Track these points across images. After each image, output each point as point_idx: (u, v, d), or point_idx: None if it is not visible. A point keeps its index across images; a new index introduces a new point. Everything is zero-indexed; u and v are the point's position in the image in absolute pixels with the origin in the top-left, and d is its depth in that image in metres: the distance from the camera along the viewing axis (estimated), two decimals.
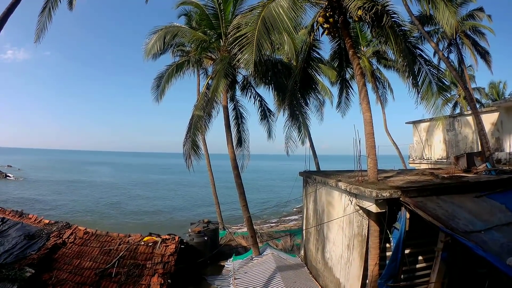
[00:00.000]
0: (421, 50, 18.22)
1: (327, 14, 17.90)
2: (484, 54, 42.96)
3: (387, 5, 16.34)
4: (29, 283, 17.29)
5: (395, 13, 16.68)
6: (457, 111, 60.26)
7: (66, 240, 21.63)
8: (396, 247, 13.31)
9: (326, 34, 19.52)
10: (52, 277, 18.20)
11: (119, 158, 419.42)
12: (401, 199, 13.17)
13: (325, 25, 18.34)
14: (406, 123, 43.04)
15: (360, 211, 15.39)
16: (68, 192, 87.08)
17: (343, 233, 17.20)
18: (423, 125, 40.08)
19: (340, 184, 16.98)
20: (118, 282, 18.20)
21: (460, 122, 35.01)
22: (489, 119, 31.38)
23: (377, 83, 46.33)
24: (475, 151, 28.88)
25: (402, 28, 17.31)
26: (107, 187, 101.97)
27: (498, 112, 31.27)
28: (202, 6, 26.30)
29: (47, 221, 24.50)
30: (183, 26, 28.74)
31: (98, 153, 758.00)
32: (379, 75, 46.38)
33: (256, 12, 16.43)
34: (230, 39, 17.64)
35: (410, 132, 42.26)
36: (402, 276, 14.64)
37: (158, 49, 26.11)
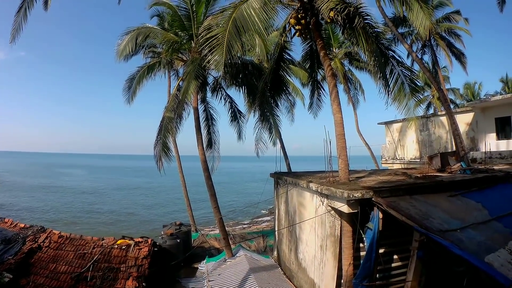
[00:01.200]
0: (394, 52, 18.17)
1: (299, 16, 17.81)
2: (459, 56, 43.34)
3: (360, 7, 16.29)
4: None
5: (368, 15, 16.63)
6: (431, 111, 60.68)
7: (42, 244, 21.27)
8: (370, 246, 13.10)
9: (298, 36, 19.36)
10: (30, 282, 18.01)
11: (91, 160, 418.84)
12: (373, 199, 12.94)
13: (297, 27, 18.26)
14: (379, 123, 43.35)
15: (332, 212, 15.24)
16: (42, 196, 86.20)
17: (316, 234, 17.08)
18: (396, 126, 40.30)
19: (311, 185, 16.81)
20: (94, 286, 17.98)
21: (434, 123, 35.25)
22: (464, 119, 31.71)
23: (349, 84, 46.39)
24: (448, 151, 28.73)
25: (375, 29, 17.22)
26: (80, 191, 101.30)
27: (473, 113, 31.68)
28: (175, 7, 25.97)
29: (22, 225, 24.22)
30: (155, 27, 28.39)
31: (69, 155, 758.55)
32: (350, 77, 46.42)
33: (227, 14, 16.12)
34: (201, 40, 17.33)
35: (382, 132, 42.32)
36: (377, 275, 14.50)
37: (130, 50, 25.76)
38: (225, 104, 30.42)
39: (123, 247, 20.95)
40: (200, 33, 18.81)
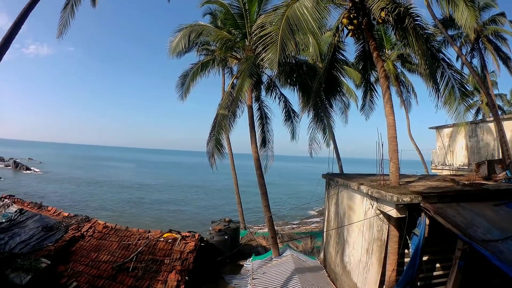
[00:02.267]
0: (444, 54, 18.17)
1: (351, 16, 17.96)
2: (506, 60, 42.27)
3: (410, 7, 16.47)
4: (44, 274, 17.42)
5: (418, 16, 16.77)
6: (480, 117, 59.58)
7: (85, 233, 21.84)
8: (415, 253, 13.25)
9: (351, 36, 19.47)
10: (68, 269, 18.31)
11: (140, 155, 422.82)
12: (421, 204, 13.17)
13: (350, 27, 18.40)
14: (430, 128, 42.53)
15: (381, 216, 15.38)
16: (88, 188, 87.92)
17: (363, 237, 17.17)
18: (446, 131, 39.61)
19: (362, 187, 16.98)
20: (135, 276, 18.23)
21: (482, 129, 34.50)
22: (510, 127, 30.91)
23: (401, 87, 46.05)
24: (496, 158, 28.60)
25: (426, 31, 17.34)
26: (128, 184, 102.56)
27: None
28: (227, 6, 26.33)
29: (66, 214, 24.88)
30: (208, 25, 28.83)
31: (117, 148, 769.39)
32: (403, 79, 45.96)
33: (280, 12, 16.45)
34: (255, 38, 17.66)
35: (433, 137, 41.88)
36: (418, 283, 14.58)
37: (183, 47, 26.11)
38: (279, 103, 30.58)
39: (169, 241, 21.34)
40: (253, 31, 19.08)
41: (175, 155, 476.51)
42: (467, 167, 34.67)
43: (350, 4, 18.06)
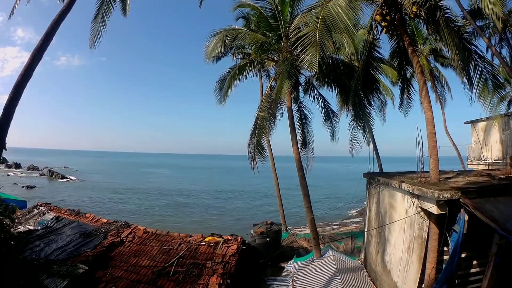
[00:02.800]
0: (476, 46, 18.20)
1: (384, 12, 18.12)
2: None
3: (440, 0, 16.70)
4: (81, 280, 17.58)
5: (447, 9, 16.96)
6: (501, 110, 58.81)
7: (124, 239, 22.14)
8: (454, 250, 13.43)
9: (385, 33, 19.70)
10: (107, 274, 18.52)
11: (177, 160, 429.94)
12: (460, 200, 13.28)
13: (383, 23, 18.53)
14: (465, 122, 42.09)
15: (422, 213, 15.51)
16: (126, 195, 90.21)
17: (404, 236, 17.31)
18: (481, 125, 38.96)
19: (403, 185, 17.07)
20: (176, 281, 18.28)
21: None
22: None
23: (436, 82, 45.60)
24: None
25: (456, 23, 17.48)
26: (165, 190, 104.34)
27: None
28: (260, 8, 26.69)
29: (105, 220, 25.25)
30: (243, 28, 29.35)
31: (154, 155, 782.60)
32: (437, 74, 45.47)
33: (316, 12, 16.74)
34: (292, 40, 17.89)
35: (468, 132, 41.68)
36: (456, 281, 14.71)
37: (219, 51, 26.68)
38: (318, 103, 30.64)
39: (211, 244, 21.43)
40: (290, 32, 19.20)
41: (212, 159, 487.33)
42: (501, 161, 34.50)
43: (382, 0, 18.25)
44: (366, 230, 25.34)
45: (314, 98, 30.45)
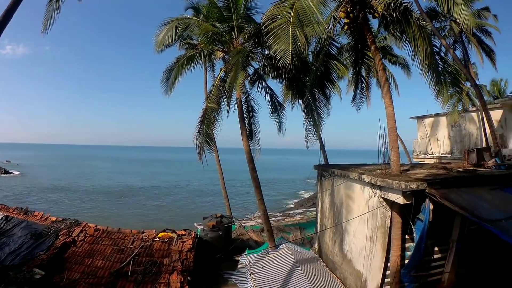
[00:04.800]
0: (438, 48, 19.70)
1: (348, 9, 19.11)
2: (489, 52, 44.06)
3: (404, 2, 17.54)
4: (39, 286, 17.40)
5: (414, 12, 18.09)
6: (459, 107, 61.75)
7: (76, 238, 21.75)
8: (420, 237, 14.77)
9: (346, 29, 20.70)
10: (64, 278, 18.32)
11: (122, 152, 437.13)
12: (426, 190, 14.52)
13: (346, 20, 19.52)
14: (411, 118, 44.73)
15: (384, 203, 16.71)
16: (68, 188, 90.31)
17: (366, 225, 18.36)
18: (428, 120, 41.64)
19: (363, 177, 18.16)
20: (135, 281, 18.40)
21: (465, 118, 36.60)
22: (493, 116, 32.43)
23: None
24: (479, 147, 30.56)
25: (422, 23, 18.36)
26: (107, 183, 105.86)
27: (502, 110, 33.02)
28: None
29: (54, 218, 24.49)
30: (195, 18, 29.69)
31: (102, 147, 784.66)
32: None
33: (287, 4, 17.39)
34: (265, 30, 18.20)
35: (414, 127, 44.05)
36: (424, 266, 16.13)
37: (170, 40, 26.72)
38: (265, 95, 31.53)
39: (165, 240, 21.68)
40: (263, 23, 19.24)
41: (159, 152, 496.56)
42: (449, 155, 36.78)
43: None
44: (319, 221, 26.46)
45: (262, 90, 31.36)
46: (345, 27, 20.43)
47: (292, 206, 64.06)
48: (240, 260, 25.23)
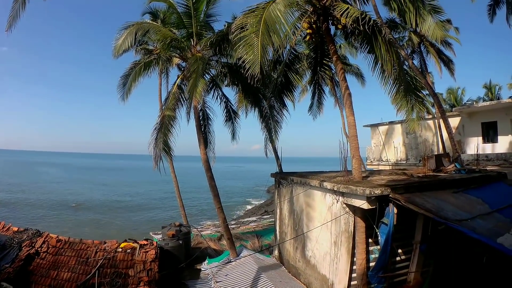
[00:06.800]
0: (399, 58, 20.45)
1: (312, 20, 20.08)
2: (448, 62, 45.69)
3: (364, 16, 18.09)
4: None
5: (375, 21, 18.87)
6: (418, 115, 63.29)
7: (39, 249, 20.43)
8: (385, 240, 15.72)
9: (308, 39, 21.65)
10: None
11: (73, 159, 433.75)
12: (391, 195, 15.50)
13: (308, 31, 20.40)
14: (364, 126, 46.06)
15: (347, 209, 17.71)
16: (17, 196, 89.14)
17: (329, 231, 19.26)
18: (382, 128, 43.38)
19: (325, 184, 19.05)
20: None
21: (421, 126, 37.92)
22: (451, 123, 34.23)
23: (336, 87, 49.35)
24: (435, 153, 32.18)
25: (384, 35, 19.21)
26: (58, 191, 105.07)
27: (460, 117, 35.10)
28: (175, 4, 27.33)
29: (15, 229, 22.95)
30: (154, 23, 30.02)
31: (53, 154, 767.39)
32: (337, 79, 48.12)
33: (256, 14, 17.80)
34: (234, 40, 18.54)
35: (367, 134, 45.35)
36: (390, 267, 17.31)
37: (129, 45, 26.48)
38: (220, 103, 32.04)
39: (128, 251, 21.48)
40: (232, 31, 19.17)
41: (112, 159, 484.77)
42: (405, 161, 38.33)
43: (311, 9, 20.24)
44: (278, 229, 27.26)
45: (217, 97, 31.92)
46: (307, 37, 21.40)
47: (243, 214, 65.24)
48: (202, 269, 25.70)
